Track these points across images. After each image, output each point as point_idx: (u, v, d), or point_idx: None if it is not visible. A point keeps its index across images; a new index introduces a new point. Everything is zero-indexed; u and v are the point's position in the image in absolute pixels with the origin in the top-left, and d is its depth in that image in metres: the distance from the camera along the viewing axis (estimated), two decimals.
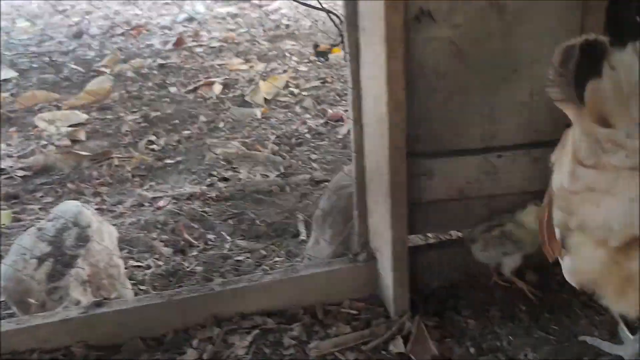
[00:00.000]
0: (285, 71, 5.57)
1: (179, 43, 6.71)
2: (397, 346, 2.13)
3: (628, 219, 1.52)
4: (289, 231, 3.17)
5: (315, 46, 2.44)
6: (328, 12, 2.34)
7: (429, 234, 2.83)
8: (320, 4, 2.36)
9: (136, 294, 2.62)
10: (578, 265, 1.79)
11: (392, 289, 2.25)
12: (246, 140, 4.36)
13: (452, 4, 2.18)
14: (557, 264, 2.47)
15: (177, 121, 4.76)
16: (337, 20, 2.32)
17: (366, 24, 2.11)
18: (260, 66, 5.92)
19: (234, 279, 2.37)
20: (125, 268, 2.86)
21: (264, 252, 3.02)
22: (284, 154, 4.17)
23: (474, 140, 2.36)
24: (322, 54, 2.33)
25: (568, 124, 2.40)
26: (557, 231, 1.79)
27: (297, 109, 4.91)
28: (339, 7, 2.29)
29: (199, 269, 2.91)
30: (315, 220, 2.62)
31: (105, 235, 2.58)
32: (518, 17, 2.24)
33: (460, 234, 2.62)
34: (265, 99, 5.06)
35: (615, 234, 1.56)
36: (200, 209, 3.41)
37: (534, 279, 2.42)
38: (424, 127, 2.30)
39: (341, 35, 2.23)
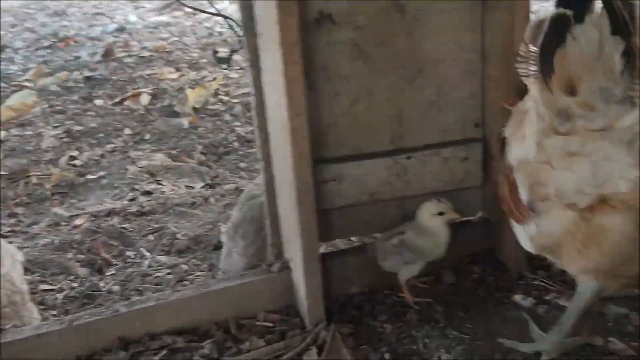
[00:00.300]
0: (214, 79, 5.47)
1: (107, 54, 6.52)
2: (311, 357, 2.07)
3: (598, 178, 1.61)
4: (212, 244, 3.08)
5: (215, 52, 2.35)
6: (225, 17, 2.28)
7: (354, 239, 2.81)
8: (217, 10, 2.29)
9: (45, 320, 2.49)
10: (546, 227, 1.83)
11: (306, 299, 2.19)
12: (172, 152, 4.24)
13: (353, 5, 2.15)
14: (473, 262, 2.48)
15: (101, 135, 4.60)
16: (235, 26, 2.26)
17: (262, 29, 2.06)
18: (191, 75, 5.80)
19: (141, 298, 2.28)
20: (35, 292, 2.72)
21: (185, 267, 2.93)
22: (211, 164, 4.08)
23: (383, 142, 2.33)
24: (222, 60, 2.25)
25: (477, 123, 2.43)
26: (524, 198, 1.85)
27: (227, 116, 4.82)
28: None
29: (116, 288, 2.80)
30: (226, 232, 2.54)
31: (7, 260, 2.43)
32: (419, 16, 2.23)
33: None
34: (195, 108, 4.95)
35: (587, 195, 1.65)
36: (120, 225, 3.28)
37: (451, 278, 2.41)
38: (332, 132, 2.27)
39: (240, 41, 2.17)
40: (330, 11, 2.13)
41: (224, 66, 2.37)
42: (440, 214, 2.27)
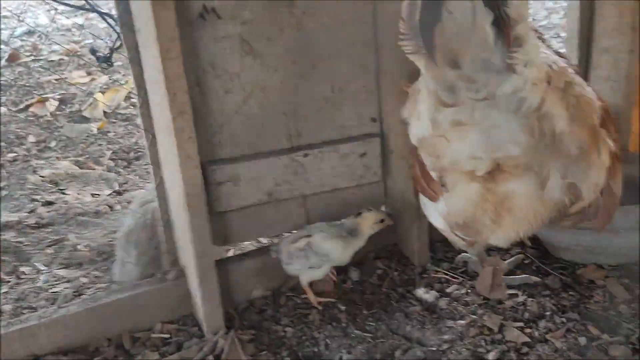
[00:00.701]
0: (127, 82, 5.25)
1: (12, 58, 6.15)
2: None
3: (489, 145, 1.67)
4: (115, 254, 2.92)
5: (93, 51, 2.22)
6: (101, 14, 2.15)
7: (264, 239, 2.73)
8: (91, 5, 2.17)
9: None
10: (456, 201, 1.89)
11: (203, 306, 2.10)
12: (79, 159, 4.03)
13: None
14: (378, 258, 2.45)
15: (2, 144, 4.32)
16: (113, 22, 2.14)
17: (140, 25, 1.95)
18: (103, 78, 5.56)
19: (21, 317, 2.11)
20: None
21: (84, 280, 2.76)
22: (121, 170, 3.90)
23: (280, 140, 2.27)
24: (104, 59, 2.13)
25: (374, 118, 2.40)
26: (434, 175, 1.89)
27: (139, 120, 4.62)
28: None
29: (8, 308, 2.60)
30: (118, 241, 2.41)
31: None
32: (309, 11, 2.17)
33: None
34: (105, 113, 4.73)
35: (481, 162, 1.72)
36: (15, 240, 3.07)
37: (355, 276, 2.37)
38: (224, 131, 2.18)
39: (119, 38, 2.05)
40: (214, 5, 2.05)
41: (105, 65, 2.23)
42: (382, 221, 2.25)
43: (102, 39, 6.98)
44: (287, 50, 2.18)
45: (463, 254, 2.39)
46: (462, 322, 2.08)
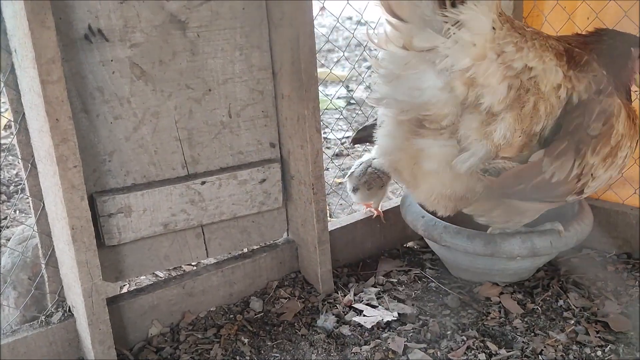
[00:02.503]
0: (7, 110, 4.88)
1: None
2: None
3: (407, 93, 1.76)
4: None
5: None
6: None
7: (160, 273, 2.59)
8: None
9: None
10: (383, 142, 2.01)
11: (93, 350, 1.93)
12: None
13: (127, 21, 1.97)
14: (281, 286, 2.40)
15: None
16: None
17: (16, 44, 1.80)
18: None
19: None
20: None
21: None
22: None
23: (175, 167, 2.17)
24: None
25: (273, 143, 2.37)
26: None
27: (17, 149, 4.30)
28: None
29: None
30: None
31: None
32: (203, 34, 2.12)
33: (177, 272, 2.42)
34: None
35: (402, 108, 1.82)
36: None
37: (258, 306, 2.30)
38: (115, 159, 2.05)
39: None
40: (100, 26, 1.94)
41: None
42: None
43: None
44: (181, 74, 2.11)
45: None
46: (367, 347, 2.07)
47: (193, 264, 2.58)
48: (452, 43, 1.64)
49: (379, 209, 2.65)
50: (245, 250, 2.47)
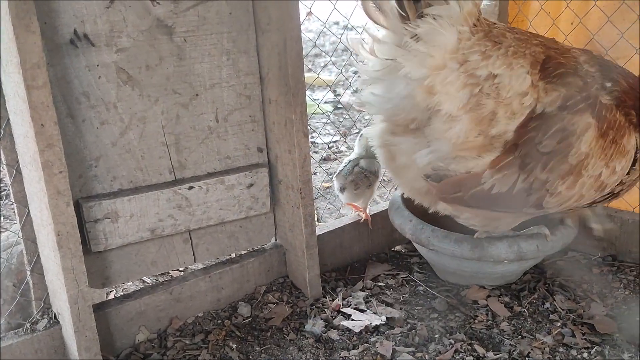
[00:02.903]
0: None
1: None
2: None
3: (381, 97, 1.90)
4: None
5: None
6: None
7: (148, 279, 2.57)
8: None
9: None
10: (369, 136, 2.15)
11: (79, 356, 1.92)
12: None
13: (113, 25, 1.97)
14: (269, 291, 2.39)
15: None
16: None
17: (0, 49, 1.78)
18: None
19: None
20: None
21: None
22: None
23: (162, 173, 2.16)
24: None
25: (260, 148, 2.37)
26: None
27: (1, 155, 4.25)
28: None
29: None
30: None
31: None
32: (190, 39, 2.11)
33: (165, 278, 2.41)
34: None
35: (374, 110, 1.98)
36: None
37: (246, 312, 2.29)
38: (101, 164, 2.04)
39: None
40: (86, 31, 1.93)
41: None
42: None
43: None
44: (168, 79, 2.10)
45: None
46: (356, 351, 2.07)
47: (180, 269, 2.56)
48: (409, 54, 1.77)
49: (367, 212, 2.66)
50: (233, 255, 2.46)
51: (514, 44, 1.88)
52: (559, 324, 2.17)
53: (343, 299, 2.36)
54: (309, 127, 2.27)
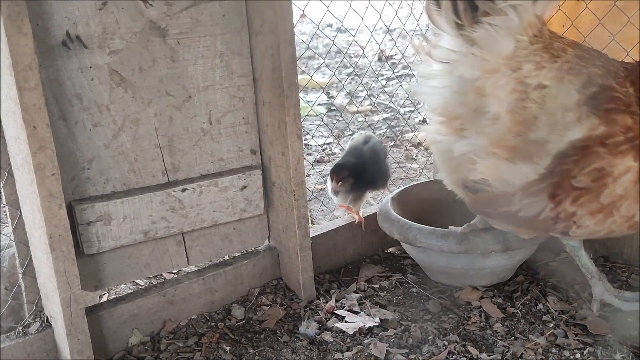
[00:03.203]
0: None
1: None
2: None
3: (430, 94, 2.02)
4: None
5: None
6: None
7: (141, 281, 2.57)
8: None
9: None
10: (428, 135, 2.15)
11: (72, 359, 1.91)
12: None
13: (106, 27, 1.96)
14: (262, 294, 2.39)
15: None
16: None
17: None
18: None
19: None
20: None
21: None
22: None
23: (155, 175, 2.15)
24: None
25: (254, 150, 2.37)
26: None
27: None
28: None
29: None
30: None
31: None
32: (183, 41, 2.11)
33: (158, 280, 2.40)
34: None
35: (435, 111, 2.02)
36: None
37: (240, 314, 2.29)
38: (94, 167, 2.03)
39: None
40: (79, 33, 1.92)
41: None
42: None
43: None
44: (161, 81, 2.10)
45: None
46: (349, 353, 2.07)
47: (174, 271, 2.56)
48: (464, 56, 1.88)
49: (360, 214, 2.66)
50: (227, 257, 2.46)
51: (572, 61, 1.89)
52: (551, 325, 2.18)
53: (337, 300, 2.36)
54: (302, 129, 2.27)
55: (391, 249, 2.80)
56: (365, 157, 2.63)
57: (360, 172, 2.56)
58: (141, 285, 2.51)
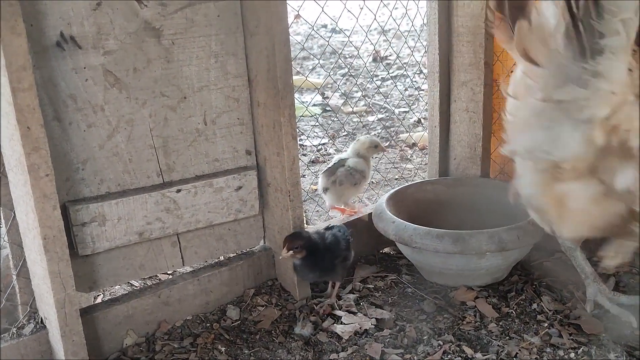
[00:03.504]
0: None
1: None
2: None
3: (545, 144, 1.75)
4: None
5: None
6: None
7: (136, 282, 2.56)
8: None
9: None
10: (523, 187, 1.94)
11: None
12: None
13: (100, 28, 1.96)
14: (258, 294, 2.39)
15: None
16: None
17: None
18: None
19: None
20: None
21: None
22: None
23: (150, 175, 2.15)
24: None
25: (249, 151, 2.37)
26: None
27: None
28: None
29: None
30: None
31: None
32: (178, 41, 2.11)
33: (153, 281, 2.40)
34: None
35: (538, 158, 1.79)
36: None
37: (235, 315, 2.28)
38: (88, 167, 2.03)
39: None
40: (73, 33, 1.92)
41: None
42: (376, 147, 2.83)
43: None
44: (156, 81, 2.10)
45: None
46: (345, 353, 2.07)
47: (169, 272, 2.56)
48: (591, 94, 1.64)
49: (357, 208, 2.67)
50: (222, 258, 2.45)
51: None
52: (546, 325, 2.19)
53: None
54: (297, 130, 2.27)
55: (386, 249, 2.80)
56: (325, 242, 2.33)
57: (314, 250, 2.26)
58: (136, 286, 2.50)
